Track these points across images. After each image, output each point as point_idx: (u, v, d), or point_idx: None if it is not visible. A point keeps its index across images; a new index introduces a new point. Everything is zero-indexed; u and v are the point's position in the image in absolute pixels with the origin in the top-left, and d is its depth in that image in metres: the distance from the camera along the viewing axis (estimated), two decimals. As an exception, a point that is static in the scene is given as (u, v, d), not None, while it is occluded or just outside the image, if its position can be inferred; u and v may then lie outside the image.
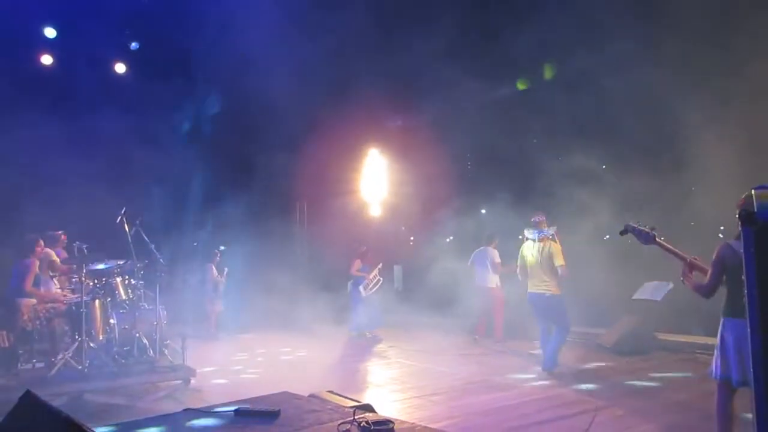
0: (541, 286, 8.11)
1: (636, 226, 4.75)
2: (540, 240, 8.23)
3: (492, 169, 13.90)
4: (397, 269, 15.82)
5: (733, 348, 4.27)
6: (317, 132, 15.01)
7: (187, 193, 12.94)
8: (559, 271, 8.08)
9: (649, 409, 6.47)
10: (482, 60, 11.86)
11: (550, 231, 8.27)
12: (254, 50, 11.81)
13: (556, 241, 8.25)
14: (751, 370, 3.94)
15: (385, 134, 15.81)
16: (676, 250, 4.61)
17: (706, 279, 4.42)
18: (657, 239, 4.64)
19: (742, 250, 4.00)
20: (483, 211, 14.54)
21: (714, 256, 4.38)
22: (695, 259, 4.58)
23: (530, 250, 8.34)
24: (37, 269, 8.23)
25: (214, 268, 13.15)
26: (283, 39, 11.69)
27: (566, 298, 10.17)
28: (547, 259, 8.12)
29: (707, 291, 4.42)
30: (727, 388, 4.41)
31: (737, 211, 4.25)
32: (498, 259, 10.94)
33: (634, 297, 10.15)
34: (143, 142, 12.46)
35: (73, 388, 7.09)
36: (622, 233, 4.87)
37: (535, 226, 8.31)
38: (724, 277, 4.37)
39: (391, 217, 15.54)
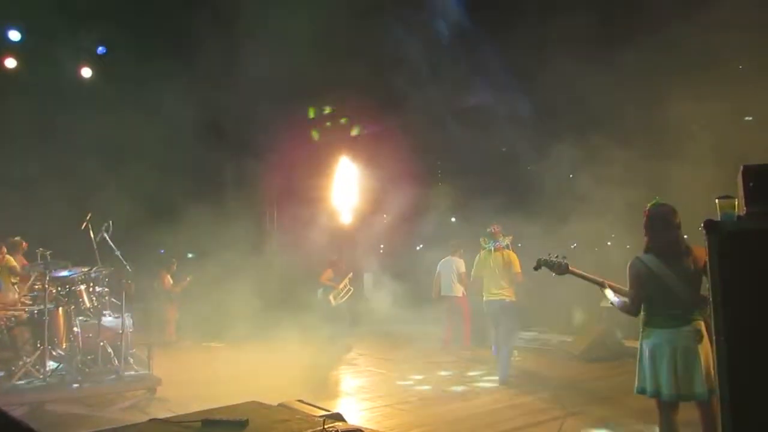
0: (501, 293, 8.24)
1: (549, 259, 4.77)
2: (496, 249, 8.37)
3: (462, 178, 13.99)
4: (367, 277, 15.79)
5: (648, 358, 4.23)
6: (288, 139, 14.95)
7: (155, 199, 12.75)
8: (518, 278, 8.31)
9: (616, 416, 6.52)
10: (453, 68, 11.94)
11: (505, 241, 8.44)
12: (223, 56, 11.75)
13: (511, 251, 8.43)
14: (665, 379, 4.05)
15: (356, 142, 15.81)
16: (591, 276, 4.62)
17: (628, 298, 4.35)
18: (570, 268, 4.67)
19: (650, 264, 4.16)
20: (453, 219, 14.61)
21: (629, 274, 4.32)
22: (611, 282, 4.56)
23: (487, 259, 8.50)
24: None
25: (169, 276, 13.06)
26: (254, 46, 11.63)
27: (534, 305, 10.23)
28: (505, 267, 8.30)
29: (632, 308, 4.32)
30: (662, 407, 4.26)
31: (644, 219, 4.33)
32: (463, 269, 11.03)
33: (602, 305, 10.30)
34: (109, 147, 12.28)
35: (35, 398, 6.92)
36: (536, 268, 4.91)
37: (491, 236, 8.49)
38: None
39: (361, 225, 15.52)
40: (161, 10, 11.81)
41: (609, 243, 12.50)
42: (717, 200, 2.98)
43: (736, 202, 2.93)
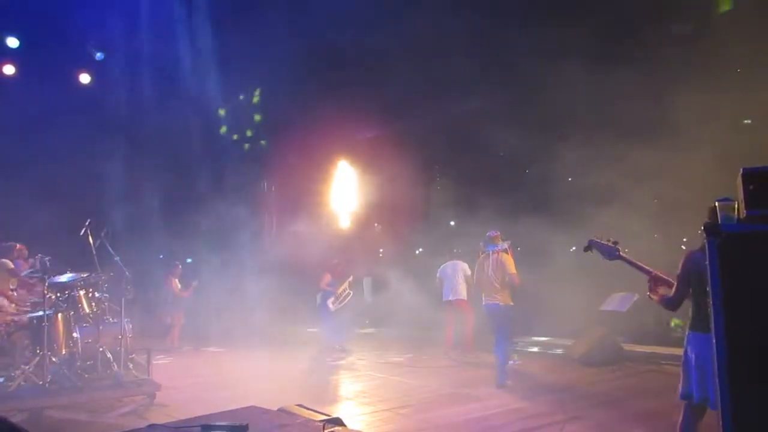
0: (495, 297, 8.28)
1: (600, 241, 4.61)
2: (493, 253, 8.39)
3: (461, 182, 13.99)
4: (367, 281, 15.79)
5: (695, 364, 4.11)
6: (288, 144, 14.96)
7: (155, 205, 12.77)
8: (513, 279, 8.26)
9: (615, 420, 6.51)
10: (451, 73, 11.95)
11: (504, 245, 8.47)
12: (219, 62, 11.77)
13: (508, 254, 8.47)
14: (712, 386, 3.93)
15: (355, 146, 15.82)
16: (641, 264, 4.48)
17: (672, 291, 4.28)
18: (621, 253, 4.51)
19: (702, 261, 4.00)
20: (452, 223, 14.61)
21: (679, 267, 4.22)
22: (659, 272, 4.44)
23: (484, 263, 8.54)
24: None
25: (176, 281, 13.00)
26: (251, 50, 11.65)
27: (533, 309, 10.18)
28: (499, 270, 8.31)
29: (672, 303, 4.27)
30: (691, 410, 4.20)
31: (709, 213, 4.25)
32: (470, 272, 11.00)
33: (601, 308, 10.31)
34: (108, 152, 12.29)
35: (34, 404, 6.88)
36: (586, 249, 4.73)
37: (490, 240, 8.52)
38: (690, 289, 4.20)
39: (360, 229, 15.53)
40: (158, 14, 11.85)
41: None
42: (717, 203, 2.97)
43: (736, 205, 2.93)
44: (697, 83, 8.99)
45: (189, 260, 15.33)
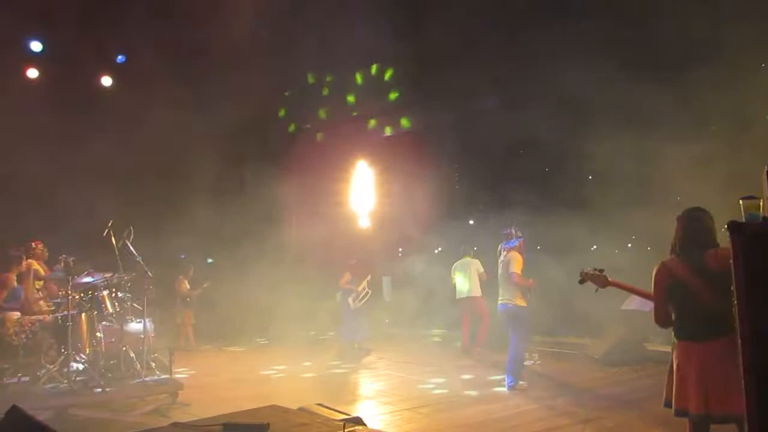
0: (504, 296, 8.13)
1: (590, 271, 4.50)
2: (506, 251, 8.27)
3: (480, 180, 13.94)
4: (386, 280, 15.79)
5: (677, 373, 3.98)
6: (307, 144, 14.99)
7: (175, 206, 12.84)
8: (512, 277, 7.98)
9: (637, 421, 6.46)
10: (470, 73, 11.91)
11: (511, 243, 8.30)
12: (239, 62, 11.82)
13: (516, 251, 8.27)
14: (694, 395, 3.81)
15: (374, 146, 15.82)
16: (631, 286, 4.38)
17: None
18: (610, 280, 4.41)
19: (675, 270, 3.94)
20: (471, 222, 14.57)
21: (653, 282, 4.05)
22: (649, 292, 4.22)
23: (498, 262, 8.41)
24: (14, 283, 8.19)
25: (186, 281, 13.15)
26: (272, 48, 11.69)
27: (554, 308, 10.09)
28: (506, 269, 8.15)
29: (659, 320, 4.08)
30: (691, 425, 3.96)
31: (676, 223, 4.07)
32: (482, 269, 10.96)
33: (622, 307, 10.20)
34: (129, 154, 12.39)
35: (59, 403, 6.99)
36: (581, 282, 4.60)
37: (505, 238, 8.40)
38: (671, 300, 4.02)
39: (380, 229, 15.52)
40: (178, 17, 11.91)
41: (629, 245, 12.40)
42: (741, 201, 2.93)
43: (761, 203, 2.89)
44: (719, 79, 8.87)
45: (210, 261, 15.45)
